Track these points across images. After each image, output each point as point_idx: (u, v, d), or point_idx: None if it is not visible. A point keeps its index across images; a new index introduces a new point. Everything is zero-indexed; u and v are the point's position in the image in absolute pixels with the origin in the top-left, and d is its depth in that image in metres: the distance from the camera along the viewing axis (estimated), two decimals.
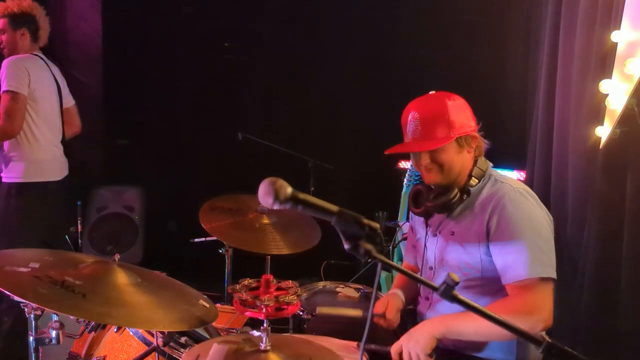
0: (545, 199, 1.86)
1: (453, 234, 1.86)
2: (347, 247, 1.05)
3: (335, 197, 1.10)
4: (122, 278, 1.46)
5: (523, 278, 1.67)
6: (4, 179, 2.95)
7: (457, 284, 1.00)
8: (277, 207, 0.99)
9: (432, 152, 1.80)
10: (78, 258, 1.57)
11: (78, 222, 4.20)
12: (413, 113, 1.82)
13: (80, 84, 4.22)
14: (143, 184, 4.49)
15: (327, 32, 4.31)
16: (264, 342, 1.38)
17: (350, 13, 4.27)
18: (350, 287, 2.42)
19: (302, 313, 2.25)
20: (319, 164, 3.91)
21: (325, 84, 4.29)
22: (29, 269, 1.39)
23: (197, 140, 4.58)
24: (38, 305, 1.37)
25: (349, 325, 2.10)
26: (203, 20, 4.54)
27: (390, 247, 3.22)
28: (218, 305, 2.00)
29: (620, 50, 2.12)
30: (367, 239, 1.04)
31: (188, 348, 1.64)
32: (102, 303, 1.36)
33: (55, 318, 1.46)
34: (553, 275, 1.70)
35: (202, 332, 1.80)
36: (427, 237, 1.98)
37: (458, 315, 1.69)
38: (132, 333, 1.74)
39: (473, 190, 1.83)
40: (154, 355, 1.63)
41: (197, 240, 2.62)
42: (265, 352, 1.37)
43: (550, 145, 2.73)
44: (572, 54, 2.52)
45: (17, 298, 1.28)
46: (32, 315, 1.43)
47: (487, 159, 1.90)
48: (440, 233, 1.91)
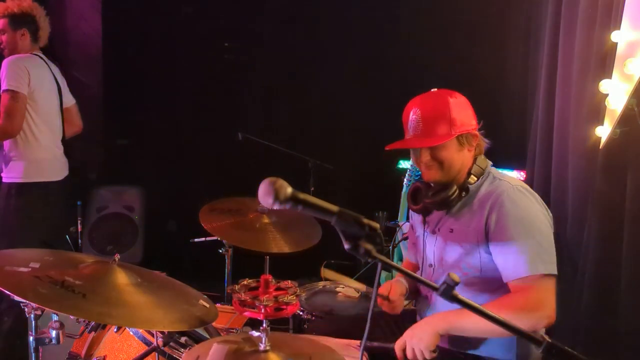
0: (545, 199, 1.85)
1: (452, 232, 1.86)
2: (347, 247, 1.05)
3: (335, 197, 1.10)
4: (122, 278, 1.46)
5: (525, 275, 1.67)
6: (4, 179, 2.94)
7: (457, 284, 1.00)
8: (277, 207, 0.99)
9: (432, 149, 1.80)
10: (78, 258, 1.57)
11: (78, 222, 4.20)
12: (415, 109, 1.83)
13: (80, 84, 4.22)
14: (143, 184, 4.49)
15: (327, 32, 4.30)
16: (264, 342, 1.38)
17: (350, 13, 4.26)
18: (351, 287, 2.43)
19: (302, 313, 2.25)
20: (319, 164, 3.90)
21: (325, 84, 4.29)
22: (29, 269, 1.39)
23: (197, 140, 4.58)
24: (38, 305, 1.37)
25: (349, 326, 2.10)
26: (203, 20, 4.53)
27: (390, 247, 3.22)
28: (218, 305, 1.99)
29: (620, 50, 2.12)
30: (367, 239, 1.04)
31: (188, 348, 1.64)
32: (102, 303, 1.36)
33: (55, 318, 1.46)
34: (554, 272, 1.70)
35: (202, 332, 1.80)
36: (426, 234, 1.98)
37: (460, 312, 1.69)
38: (132, 333, 1.74)
39: (472, 188, 1.83)
40: (154, 355, 1.63)
41: (197, 240, 2.62)
42: (265, 352, 1.37)
43: (550, 145, 2.73)
44: (572, 54, 2.52)
45: (17, 298, 1.28)
46: (32, 315, 1.43)
47: (486, 158, 1.90)
48: (440, 231, 1.91)
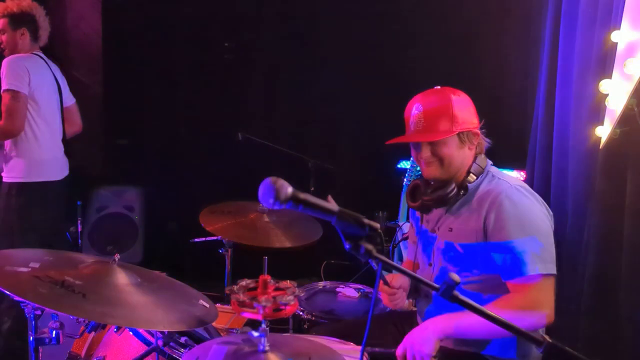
0: (545, 199, 1.85)
1: (451, 230, 1.86)
2: (347, 247, 1.05)
3: (336, 197, 1.09)
4: (122, 278, 1.46)
5: (524, 275, 1.67)
6: (5, 179, 2.95)
7: (457, 284, 1.00)
8: (277, 207, 0.99)
9: (433, 145, 1.80)
10: (78, 258, 1.57)
11: (78, 222, 4.19)
12: (417, 105, 1.83)
13: (80, 84, 4.22)
14: (143, 184, 4.48)
15: (327, 32, 4.30)
16: (263, 342, 1.38)
17: (351, 13, 4.26)
18: (351, 287, 2.43)
19: (302, 313, 2.25)
20: (319, 164, 3.90)
21: (325, 84, 4.29)
22: (29, 269, 1.39)
23: (197, 140, 4.57)
24: (38, 305, 1.37)
25: (349, 326, 2.10)
26: (203, 20, 4.53)
27: (390, 247, 3.22)
28: (218, 305, 1.99)
29: (620, 50, 2.12)
30: (367, 239, 1.04)
31: (188, 348, 1.64)
32: (102, 303, 1.36)
33: (55, 318, 1.46)
34: (554, 272, 1.70)
35: (202, 332, 1.80)
36: (425, 233, 1.98)
37: (461, 315, 1.69)
38: (132, 333, 1.74)
39: (471, 187, 1.83)
40: (154, 355, 1.63)
41: (197, 240, 2.62)
42: (265, 352, 1.37)
43: (550, 145, 2.72)
44: (572, 54, 2.52)
45: (17, 298, 1.28)
46: (32, 315, 1.42)
47: (486, 157, 1.90)
48: (439, 229, 1.91)
